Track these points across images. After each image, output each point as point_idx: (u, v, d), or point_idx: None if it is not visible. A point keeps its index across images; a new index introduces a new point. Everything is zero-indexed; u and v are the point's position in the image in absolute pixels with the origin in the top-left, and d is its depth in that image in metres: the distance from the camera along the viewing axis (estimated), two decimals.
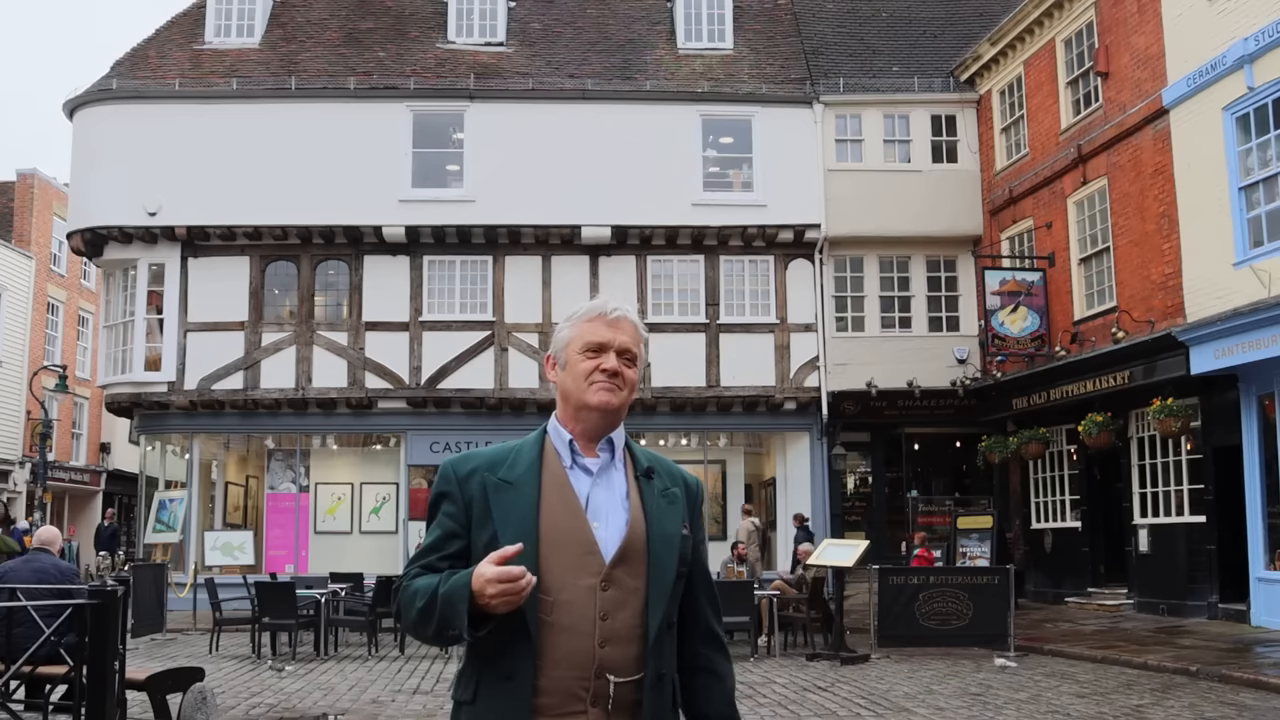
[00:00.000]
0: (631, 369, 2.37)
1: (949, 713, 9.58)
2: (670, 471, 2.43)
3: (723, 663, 2.43)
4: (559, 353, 2.39)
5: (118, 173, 20.82)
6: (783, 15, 24.15)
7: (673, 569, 2.30)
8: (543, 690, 2.18)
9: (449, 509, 2.31)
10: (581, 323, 2.37)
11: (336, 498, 22.50)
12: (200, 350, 21.12)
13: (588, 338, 2.35)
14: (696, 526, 2.42)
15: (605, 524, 2.27)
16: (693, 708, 2.38)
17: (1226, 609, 15.39)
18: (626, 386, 2.36)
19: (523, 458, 2.33)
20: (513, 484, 2.28)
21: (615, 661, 2.20)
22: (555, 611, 2.20)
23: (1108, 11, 18.09)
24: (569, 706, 2.18)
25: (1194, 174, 15.72)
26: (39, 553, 8.11)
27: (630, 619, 2.23)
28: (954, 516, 19.71)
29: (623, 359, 2.35)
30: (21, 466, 31.33)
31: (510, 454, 2.34)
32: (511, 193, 21.02)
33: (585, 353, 2.34)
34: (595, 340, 2.35)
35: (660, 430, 22.44)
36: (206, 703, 7.97)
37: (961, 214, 22.04)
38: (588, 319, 2.37)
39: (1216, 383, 15.54)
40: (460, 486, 2.31)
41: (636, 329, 2.39)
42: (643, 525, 2.29)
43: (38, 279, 32.50)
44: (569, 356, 2.36)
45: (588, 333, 2.35)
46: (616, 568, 2.24)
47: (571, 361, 2.36)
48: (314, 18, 23.45)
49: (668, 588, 2.28)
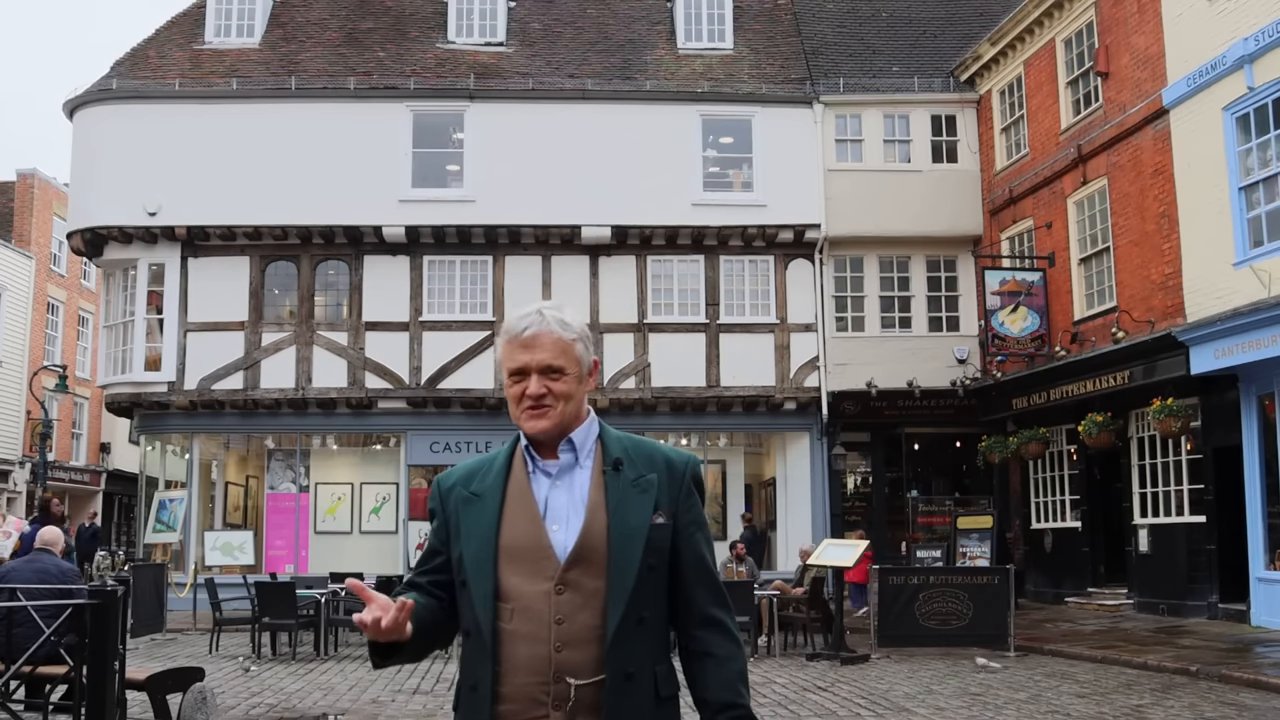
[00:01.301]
0: (559, 381, 2.30)
1: (949, 713, 9.58)
2: (648, 456, 2.36)
3: (723, 645, 2.33)
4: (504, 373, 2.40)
5: (118, 173, 20.82)
6: (783, 15, 24.15)
7: (635, 565, 2.23)
8: (505, 697, 2.21)
9: (435, 525, 2.42)
10: (503, 345, 2.35)
11: (336, 498, 22.49)
12: (200, 350, 21.12)
13: (507, 364, 2.33)
14: (686, 509, 2.34)
15: (565, 526, 2.26)
16: (695, 693, 2.35)
17: (1226, 609, 15.39)
18: (559, 400, 2.30)
19: (494, 468, 2.37)
20: (480, 496, 2.33)
21: (575, 664, 2.19)
22: (514, 619, 2.22)
23: (1108, 11, 18.09)
24: (531, 712, 2.19)
25: (1194, 174, 15.72)
26: (40, 553, 8.12)
27: (591, 620, 2.21)
28: (954, 516, 19.71)
29: (547, 377, 2.29)
30: (21, 466, 31.35)
31: (485, 465, 2.40)
32: (511, 193, 21.02)
33: (510, 378, 2.34)
34: (514, 366, 2.32)
35: (660, 430, 22.41)
36: (206, 703, 7.96)
37: (961, 214, 22.05)
38: (506, 342, 2.34)
39: (1216, 383, 15.54)
40: (442, 503, 2.40)
41: (557, 338, 2.31)
42: (602, 524, 2.26)
43: (38, 279, 32.51)
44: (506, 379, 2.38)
45: (507, 358, 2.33)
46: (571, 570, 2.22)
47: (505, 384, 2.38)
48: (314, 18, 23.45)
49: (629, 585, 2.22)
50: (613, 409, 21.30)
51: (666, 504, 2.32)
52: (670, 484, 2.34)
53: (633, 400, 21.25)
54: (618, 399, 21.29)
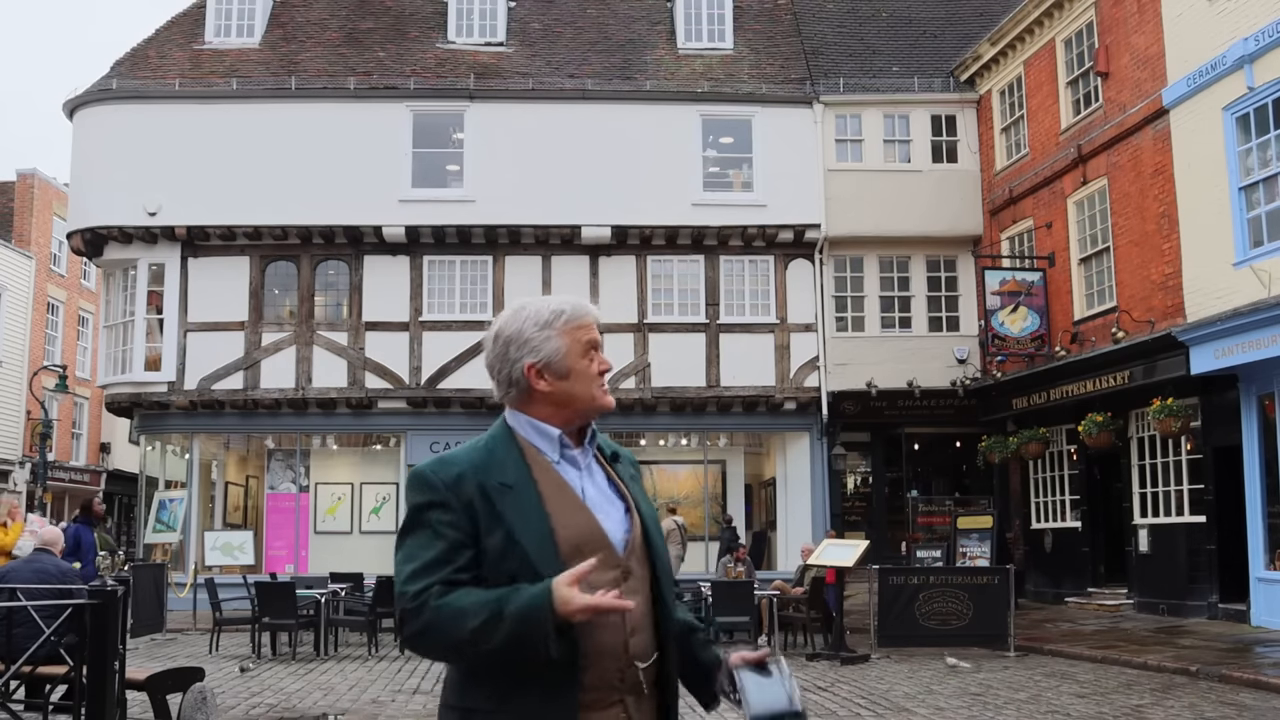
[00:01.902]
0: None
1: (949, 713, 9.58)
2: (621, 452, 2.49)
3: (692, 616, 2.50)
4: (556, 362, 2.33)
5: (118, 173, 20.82)
6: (783, 15, 24.15)
7: (664, 550, 2.38)
8: (586, 687, 2.21)
9: (446, 518, 2.19)
10: (574, 328, 2.37)
11: (336, 498, 22.50)
12: (200, 350, 21.12)
13: (582, 339, 2.37)
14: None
15: (605, 516, 2.29)
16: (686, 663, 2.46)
17: (1226, 609, 15.39)
18: None
19: (507, 458, 2.28)
20: (512, 487, 2.23)
21: (640, 648, 2.27)
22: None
23: (1108, 11, 18.09)
24: (608, 698, 2.23)
25: (1194, 174, 15.71)
26: (41, 553, 8.11)
27: (644, 604, 2.29)
28: (954, 516, 19.70)
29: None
30: (21, 466, 31.33)
31: (487, 456, 2.28)
32: (511, 193, 21.02)
33: (586, 356, 2.37)
34: (593, 338, 2.39)
35: (660, 430, 22.45)
36: (206, 703, 7.96)
37: (961, 214, 22.05)
38: (578, 324, 2.37)
39: (1216, 383, 15.54)
40: (453, 493, 2.20)
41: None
42: (636, 512, 2.35)
43: (38, 279, 32.50)
44: (571, 364, 2.34)
45: (580, 334, 2.37)
46: (631, 557, 2.30)
47: (578, 369, 2.35)
48: (314, 18, 23.45)
49: (668, 566, 2.37)
50: (613, 409, 21.26)
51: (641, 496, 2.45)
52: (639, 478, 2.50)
53: (633, 400, 21.25)
54: (618, 399, 20.91)
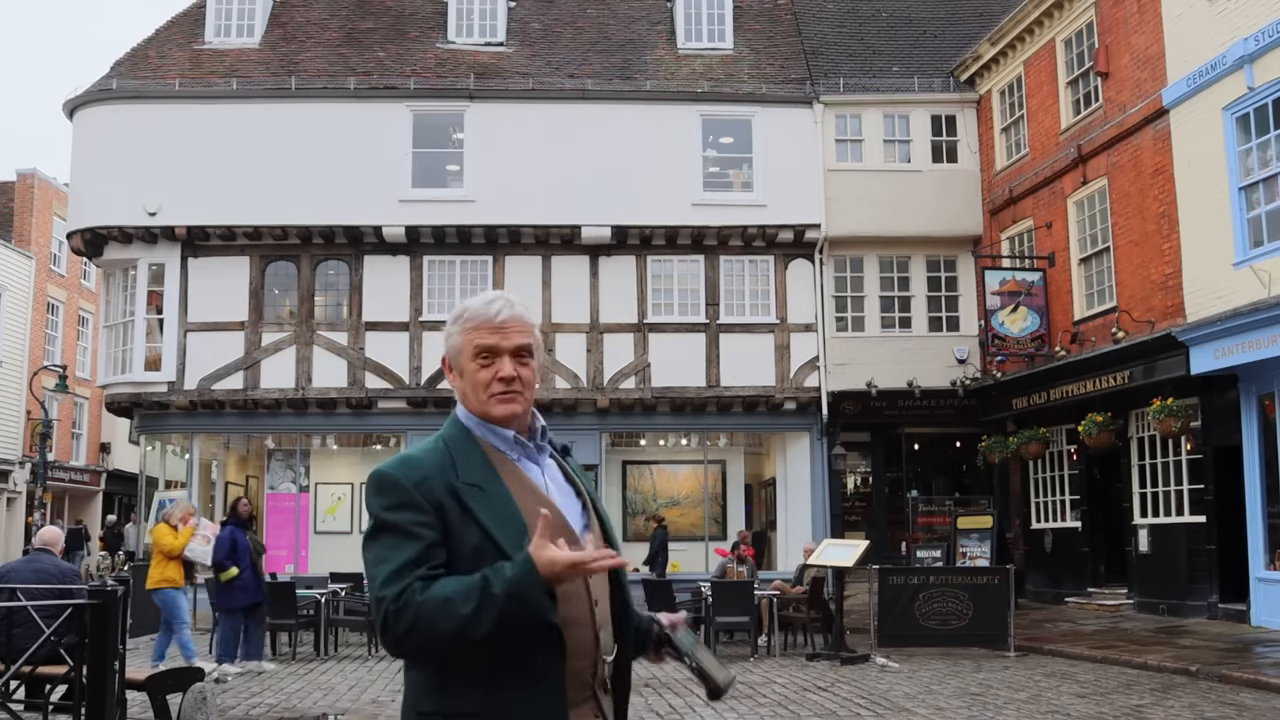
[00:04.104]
0: (528, 366, 2.31)
1: (949, 713, 9.58)
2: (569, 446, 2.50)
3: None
4: (454, 359, 2.33)
5: (118, 173, 20.81)
6: (783, 15, 24.15)
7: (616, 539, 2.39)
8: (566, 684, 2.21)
9: (417, 518, 2.14)
10: (465, 329, 2.31)
11: (336, 498, 22.49)
12: (200, 350, 21.12)
13: (474, 344, 2.29)
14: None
15: (567, 510, 2.30)
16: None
17: (1226, 609, 15.39)
18: (526, 388, 2.31)
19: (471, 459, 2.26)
20: (482, 486, 2.21)
21: (606, 643, 2.28)
22: (563, 605, 2.19)
23: (1108, 11, 18.09)
24: (582, 694, 2.23)
25: (1194, 174, 15.71)
26: (40, 553, 8.12)
27: (606, 598, 2.30)
28: (954, 516, 19.70)
29: (518, 360, 2.30)
30: (21, 466, 31.34)
31: (444, 456, 2.25)
32: (511, 193, 21.02)
33: (478, 359, 2.29)
34: (485, 344, 2.29)
35: (660, 430, 22.45)
36: (206, 703, 7.97)
37: (961, 214, 22.04)
38: (472, 326, 2.30)
39: (1216, 383, 15.54)
40: (421, 494, 2.17)
41: (524, 322, 2.32)
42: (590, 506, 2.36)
43: (38, 279, 32.50)
44: (463, 364, 2.31)
45: (472, 339, 2.29)
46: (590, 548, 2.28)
47: (468, 371, 2.30)
48: (314, 18, 23.45)
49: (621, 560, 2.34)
50: (613, 409, 21.30)
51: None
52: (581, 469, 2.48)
53: (633, 400, 21.24)
54: (618, 399, 21.29)
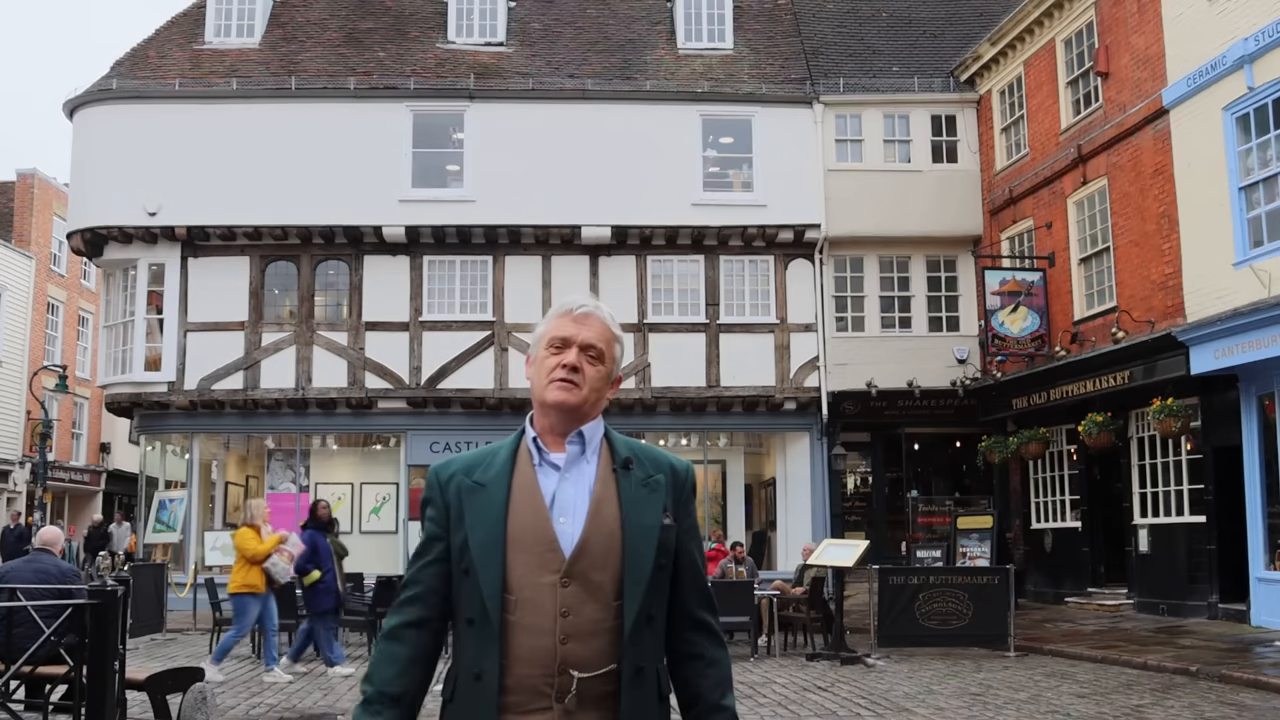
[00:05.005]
0: (595, 366, 2.35)
1: (949, 713, 9.58)
2: (655, 459, 2.40)
3: (712, 649, 2.39)
4: (533, 349, 2.42)
5: (118, 173, 20.81)
6: (783, 15, 24.15)
7: (650, 560, 2.27)
8: (509, 688, 2.22)
9: (432, 513, 2.37)
10: (552, 319, 2.40)
11: (336, 498, 22.42)
12: (200, 350, 21.11)
13: (552, 334, 2.37)
14: (684, 514, 2.39)
15: (572, 519, 2.27)
16: (684, 694, 2.38)
17: (1226, 609, 15.39)
18: (586, 384, 2.33)
19: (498, 459, 2.35)
20: (484, 486, 2.31)
21: (580, 657, 2.21)
22: (518, 610, 2.22)
23: (1108, 11, 18.09)
24: (534, 703, 2.21)
25: (1194, 174, 15.71)
26: (40, 553, 8.12)
27: (596, 613, 2.23)
28: (954, 516, 19.70)
29: (586, 354, 2.34)
30: (21, 466, 31.33)
31: (488, 456, 2.37)
32: (511, 193, 21.02)
33: (549, 348, 2.37)
34: (560, 334, 2.36)
35: (660, 430, 22.43)
36: (206, 703, 7.96)
37: (961, 214, 22.04)
38: (557, 316, 2.40)
39: (1216, 383, 15.53)
40: (441, 491, 2.35)
41: (606, 327, 2.38)
42: (611, 518, 2.28)
43: (38, 279, 32.50)
44: (538, 352, 2.39)
45: (553, 329, 2.38)
46: (578, 562, 2.24)
47: (539, 358, 2.39)
48: (314, 18, 23.45)
49: (645, 579, 2.26)
50: (613, 409, 21.12)
51: (671, 506, 2.36)
52: (674, 487, 2.38)
53: (633, 400, 21.24)
54: (618, 399, 21.26)
